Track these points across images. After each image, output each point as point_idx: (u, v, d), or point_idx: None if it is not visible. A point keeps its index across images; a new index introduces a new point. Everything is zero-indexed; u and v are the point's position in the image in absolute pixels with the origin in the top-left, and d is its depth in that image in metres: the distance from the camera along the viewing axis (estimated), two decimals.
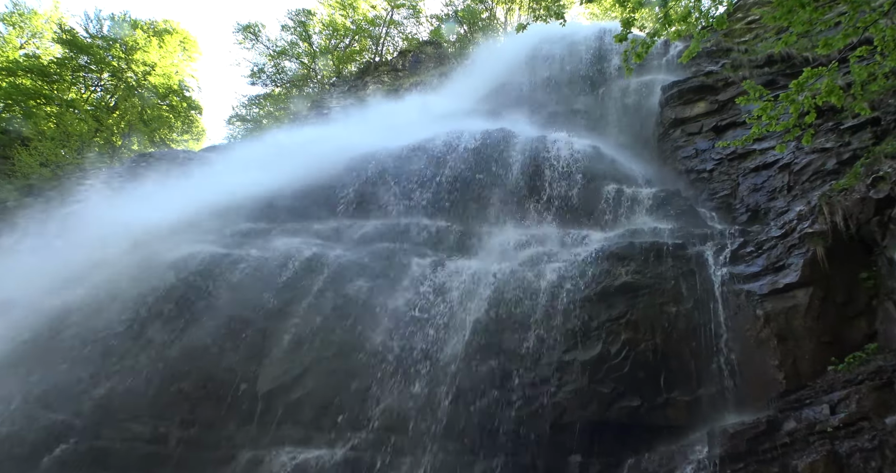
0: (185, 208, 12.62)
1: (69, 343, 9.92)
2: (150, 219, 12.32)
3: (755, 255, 9.26)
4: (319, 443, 8.32)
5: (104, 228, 12.47)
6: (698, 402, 7.97)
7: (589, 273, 9.31)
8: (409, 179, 13.27)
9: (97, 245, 11.78)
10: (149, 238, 11.66)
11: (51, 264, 11.89)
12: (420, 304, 9.59)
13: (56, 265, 11.73)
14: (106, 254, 11.49)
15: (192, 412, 8.98)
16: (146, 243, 11.49)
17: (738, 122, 14.45)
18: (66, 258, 11.72)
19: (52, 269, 11.60)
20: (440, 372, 8.61)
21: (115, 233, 12.07)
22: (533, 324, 8.86)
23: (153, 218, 12.33)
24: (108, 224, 12.64)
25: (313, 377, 9.03)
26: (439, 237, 11.48)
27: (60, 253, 12.32)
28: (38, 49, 34.56)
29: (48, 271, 11.52)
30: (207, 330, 9.75)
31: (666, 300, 8.78)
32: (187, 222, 12.20)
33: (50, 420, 9.06)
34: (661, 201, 11.84)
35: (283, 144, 16.45)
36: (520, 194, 12.66)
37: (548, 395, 8.16)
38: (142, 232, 11.89)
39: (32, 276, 11.62)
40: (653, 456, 7.58)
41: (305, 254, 10.75)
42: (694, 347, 8.40)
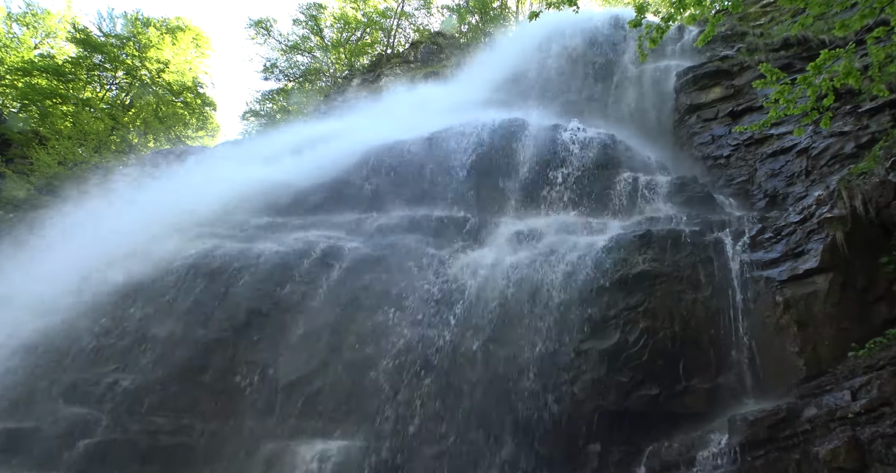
0: (202, 203, 12.73)
1: (92, 338, 10.09)
2: (166, 215, 12.45)
3: (774, 241, 9.16)
4: (339, 434, 8.42)
5: (120, 225, 12.62)
6: (718, 390, 7.94)
7: (606, 262, 9.27)
8: (424, 170, 13.28)
9: (115, 243, 11.92)
10: (166, 234, 11.78)
11: (71, 261, 12.05)
12: (436, 294, 9.63)
13: (76, 262, 11.89)
14: (124, 252, 11.62)
15: (215, 404, 9.14)
16: (164, 239, 11.62)
17: (754, 107, 14.28)
18: (86, 255, 11.88)
19: (72, 266, 11.76)
20: (457, 362, 8.65)
21: (131, 230, 12.21)
22: (549, 313, 8.85)
23: (170, 214, 12.45)
24: (123, 222, 12.80)
25: (332, 369, 9.12)
26: (454, 228, 11.47)
27: (80, 250, 12.48)
28: (53, 49, 34.91)
29: (69, 267, 11.68)
30: (227, 323, 9.88)
31: (684, 288, 8.73)
32: (204, 218, 12.32)
33: (74, 414, 9.25)
34: (677, 188, 11.74)
35: (297, 138, 16.49)
36: (535, 183, 12.62)
37: (566, 384, 8.16)
38: (159, 228, 12.02)
39: (56, 272, 11.80)
40: (672, 444, 7.56)
41: (322, 247, 10.82)
42: (713, 334, 8.35)
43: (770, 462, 6.50)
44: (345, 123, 17.82)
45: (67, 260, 12.08)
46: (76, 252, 12.36)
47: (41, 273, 11.97)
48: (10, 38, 33.40)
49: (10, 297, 11.26)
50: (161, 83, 33.50)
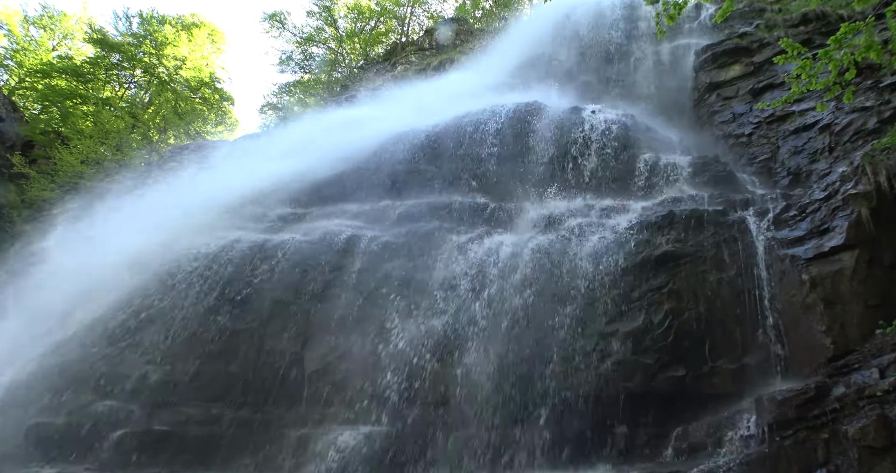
0: (224, 196, 12.86)
1: (122, 332, 10.28)
2: (188, 209, 12.60)
3: (798, 219, 9.05)
4: (366, 421, 8.48)
5: (145, 220, 12.80)
6: (744, 370, 7.90)
7: (628, 244, 9.21)
8: (443, 157, 13.26)
9: (140, 238, 12.09)
10: (188, 228, 11.93)
11: (93, 261, 12.26)
12: (459, 281, 9.65)
13: (103, 257, 12.10)
14: (149, 247, 11.80)
15: (243, 394, 9.29)
16: (187, 233, 11.77)
17: (775, 84, 14.07)
18: (114, 250, 12.07)
19: (94, 265, 11.97)
20: (482, 348, 8.68)
21: (154, 226, 12.38)
22: (573, 296, 8.83)
23: (191, 208, 12.60)
24: (145, 218, 12.98)
25: (357, 356, 9.20)
26: (475, 214, 11.46)
27: (106, 246, 12.69)
28: (71, 50, 35.32)
29: (95, 264, 11.90)
30: (252, 314, 10.01)
31: (708, 268, 8.66)
32: (227, 210, 12.46)
33: (106, 407, 9.45)
34: (699, 168, 11.60)
35: (316, 129, 16.56)
36: (555, 166, 12.54)
37: (591, 367, 8.15)
38: (181, 222, 12.18)
39: (80, 272, 12.02)
40: (700, 425, 7.55)
41: (344, 236, 10.88)
42: (738, 314, 8.30)
43: (799, 442, 6.46)
44: (362, 113, 17.82)
45: (89, 262, 12.28)
46: (98, 252, 12.57)
47: (66, 274, 12.19)
48: (28, 41, 33.85)
49: (42, 299, 11.51)
50: (179, 80, 33.75)
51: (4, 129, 26.19)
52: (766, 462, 6.45)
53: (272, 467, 8.45)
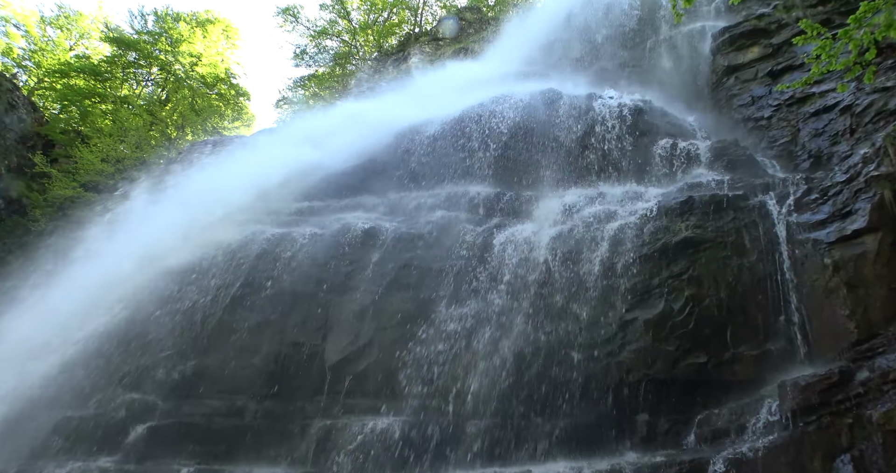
0: (243, 190, 12.97)
1: (147, 325, 10.45)
2: (209, 204, 12.72)
3: (820, 202, 8.92)
4: (387, 411, 8.57)
5: (166, 215, 12.95)
6: (767, 356, 7.85)
7: (647, 230, 9.16)
8: (459, 147, 13.22)
9: (163, 233, 12.25)
10: (209, 223, 12.06)
11: (122, 253, 12.45)
12: (477, 270, 9.67)
13: (127, 253, 12.28)
14: (173, 240, 11.94)
15: (266, 385, 9.41)
16: (207, 228, 11.89)
17: (794, 65, 13.82)
18: (136, 246, 12.24)
19: (123, 257, 12.15)
20: (501, 336, 8.70)
21: (177, 220, 12.52)
22: (592, 284, 8.82)
23: (213, 203, 12.72)
24: (169, 212, 13.13)
25: (377, 347, 9.28)
26: (493, 204, 11.45)
27: (129, 242, 12.86)
28: (88, 49, 35.63)
29: (119, 259, 12.07)
30: (273, 307, 10.12)
31: (729, 254, 8.59)
32: (245, 205, 12.57)
33: (132, 400, 9.64)
34: (718, 153, 11.47)
35: (331, 122, 16.60)
36: (572, 154, 12.46)
37: (611, 355, 8.15)
38: (203, 217, 12.31)
39: (105, 268, 12.20)
40: (722, 412, 7.54)
41: (361, 228, 10.94)
42: (760, 300, 8.24)
43: (822, 427, 6.45)
44: (377, 105, 17.83)
45: (113, 257, 12.46)
46: (122, 248, 12.75)
47: (92, 271, 12.37)
48: (46, 42, 34.21)
49: (70, 295, 11.71)
50: (195, 76, 33.94)
51: (25, 129, 26.56)
52: (790, 447, 6.44)
53: (296, 457, 8.56)
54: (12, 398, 9.99)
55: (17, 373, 10.26)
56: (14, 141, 25.52)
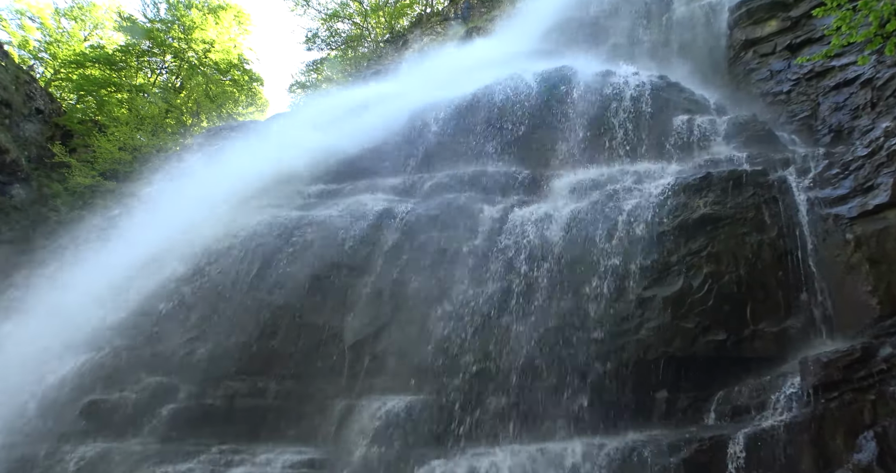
0: (259, 175, 13.05)
1: (169, 309, 10.61)
2: (226, 189, 12.81)
3: (841, 177, 8.79)
4: (407, 390, 8.63)
5: (184, 202, 13.06)
6: (787, 332, 7.79)
7: (665, 208, 9.06)
8: (474, 127, 13.17)
9: (181, 220, 12.37)
10: (228, 207, 12.16)
11: (138, 242, 12.59)
12: (493, 250, 9.66)
13: (144, 243, 12.42)
14: (191, 226, 12.06)
15: (286, 366, 9.52)
16: (227, 212, 11.99)
17: (814, 38, 13.58)
18: (155, 234, 12.38)
19: (138, 248, 12.29)
20: (520, 316, 8.71)
21: (196, 205, 12.64)
22: (610, 262, 8.76)
23: (229, 188, 12.81)
24: (187, 198, 13.24)
25: (396, 328, 9.34)
26: (508, 183, 11.40)
27: (148, 230, 13.00)
28: (102, 39, 35.86)
29: (140, 246, 12.22)
30: (292, 289, 10.20)
31: (748, 230, 8.48)
32: (262, 189, 12.66)
33: (156, 383, 9.81)
34: (736, 128, 11.29)
35: (344, 105, 16.60)
36: (587, 132, 12.35)
37: (630, 332, 8.12)
38: (221, 201, 12.40)
39: (126, 255, 12.36)
40: (742, 389, 7.50)
41: (377, 210, 10.97)
42: (780, 276, 8.15)
43: (845, 404, 6.38)
44: (390, 86, 17.76)
45: (135, 244, 12.60)
46: (142, 236, 12.89)
47: (113, 260, 12.54)
48: (61, 33, 34.45)
49: (92, 282, 11.89)
50: (208, 63, 34.02)
51: (44, 120, 26.85)
52: (812, 424, 6.38)
53: (317, 437, 8.67)
54: (40, 380, 10.22)
55: (49, 357, 10.47)
56: (33, 132, 25.82)
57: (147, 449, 8.79)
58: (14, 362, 10.70)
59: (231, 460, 8.30)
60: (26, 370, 10.43)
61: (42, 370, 10.42)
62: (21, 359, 10.70)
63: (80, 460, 8.74)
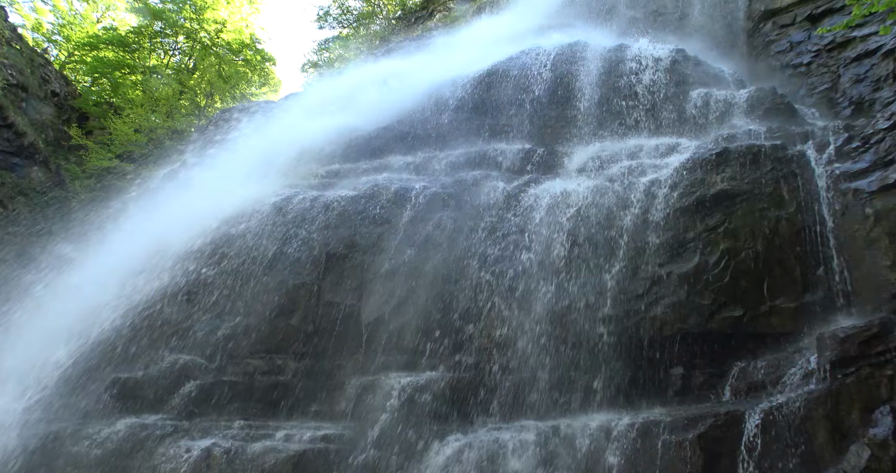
0: (273, 155, 13.10)
1: (190, 289, 10.76)
2: (240, 170, 12.89)
3: (861, 150, 8.66)
4: (424, 368, 8.73)
5: (203, 181, 13.15)
6: (805, 308, 7.74)
7: (681, 183, 8.97)
8: (487, 104, 13.09)
9: (198, 200, 12.47)
10: (244, 187, 12.23)
11: (157, 224, 12.73)
12: (509, 228, 9.66)
13: (160, 225, 12.55)
14: (209, 206, 12.16)
15: (304, 344, 9.66)
16: (242, 192, 12.07)
17: (834, 8, 13.29)
18: (173, 213, 12.51)
19: (158, 229, 12.43)
20: (535, 292, 8.72)
21: (211, 187, 12.73)
22: (625, 239, 8.74)
23: (244, 169, 12.88)
24: (202, 180, 13.34)
25: (412, 306, 9.37)
26: (523, 160, 11.35)
27: (165, 213, 13.13)
28: (115, 21, 35.80)
29: (159, 227, 12.36)
30: (309, 268, 10.28)
31: (766, 206, 8.39)
32: (277, 170, 12.71)
33: (178, 361, 9.97)
34: (755, 102, 11.11)
35: (357, 83, 16.54)
36: (603, 108, 12.23)
37: (645, 309, 8.12)
38: (236, 182, 12.48)
39: (146, 235, 12.50)
40: (759, 365, 7.49)
41: (392, 188, 10.97)
42: (798, 252, 8.07)
43: (861, 380, 6.37)
44: (402, 64, 17.63)
45: (153, 225, 12.73)
46: (160, 217, 13.02)
47: (134, 239, 12.68)
48: (73, 15, 34.41)
49: (111, 263, 12.06)
50: (220, 43, 33.91)
51: (59, 103, 27.03)
52: (828, 399, 6.38)
53: (335, 413, 8.82)
54: (65, 359, 10.44)
55: (73, 336, 10.68)
56: (49, 115, 25.99)
57: (170, 425, 8.96)
58: (35, 341, 10.94)
59: (252, 435, 8.45)
60: (48, 350, 10.65)
61: (64, 349, 10.62)
62: (42, 338, 10.93)
63: (106, 436, 8.93)
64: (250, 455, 8.02)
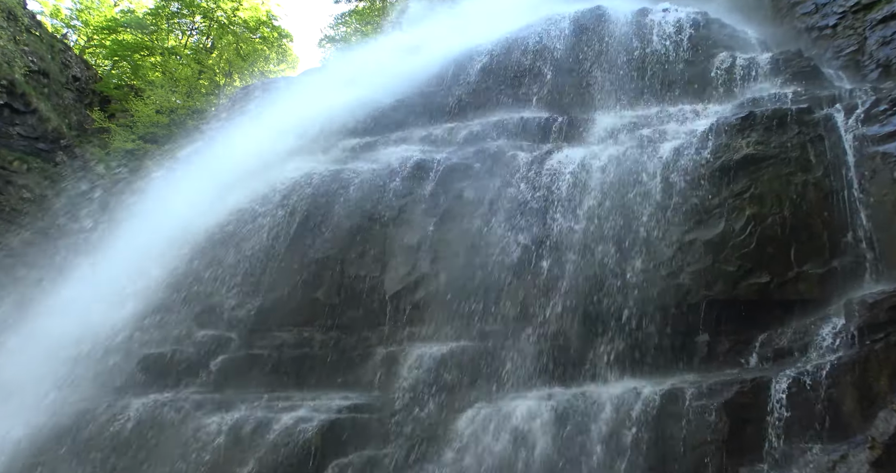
0: (293, 131, 13.12)
1: (216, 264, 10.94)
2: (262, 146, 12.94)
3: (889, 113, 8.44)
4: (447, 338, 8.81)
5: (222, 162, 13.23)
6: (832, 274, 7.63)
7: (706, 149, 8.84)
8: (508, 73, 12.95)
9: (220, 176, 12.57)
10: (266, 163, 12.30)
11: (178, 203, 12.87)
12: (531, 197, 9.61)
13: (183, 200, 12.69)
14: (230, 186, 12.26)
15: (331, 317, 9.79)
16: (264, 168, 12.14)
17: None
18: (196, 190, 12.64)
19: (182, 207, 12.57)
20: (558, 261, 8.72)
21: (234, 162, 12.81)
22: (649, 206, 8.65)
23: (265, 145, 12.93)
24: (224, 158, 13.41)
25: (434, 277, 9.45)
26: (544, 129, 11.23)
27: (186, 191, 13.26)
28: (132, 4, 35.91)
29: (183, 204, 12.50)
30: (333, 242, 10.39)
31: (793, 170, 8.24)
32: (297, 145, 12.73)
33: (207, 336, 10.21)
34: (780, 65, 10.87)
35: (375, 57, 16.46)
36: (625, 74, 12.05)
37: (670, 277, 8.07)
38: (258, 158, 12.55)
39: (169, 213, 12.66)
40: (785, 331, 7.44)
41: (413, 161, 10.96)
42: (826, 217, 7.94)
43: (890, 345, 6.31)
44: (420, 36, 17.47)
45: (177, 203, 12.87)
46: (183, 194, 13.14)
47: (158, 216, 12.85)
48: (91, 0, 34.57)
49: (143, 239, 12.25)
50: (237, 22, 33.89)
51: (81, 87, 27.29)
52: (855, 365, 6.34)
53: (363, 382, 8.96)
54: (96, 338, 10.69)
55: (102, 313, 10.92)
56: (72, 99, 26.29)
57: (201, 398, 9.19)
58: (69, 319, 11.20)
59: (281, 406, 8.63)
60: (81, 329, 10.89)
61: (97, 327, 10.86)
62: (75, 317, 11.18)
63: (138, 410, 9.17)
64: (280, 425, 8.19)
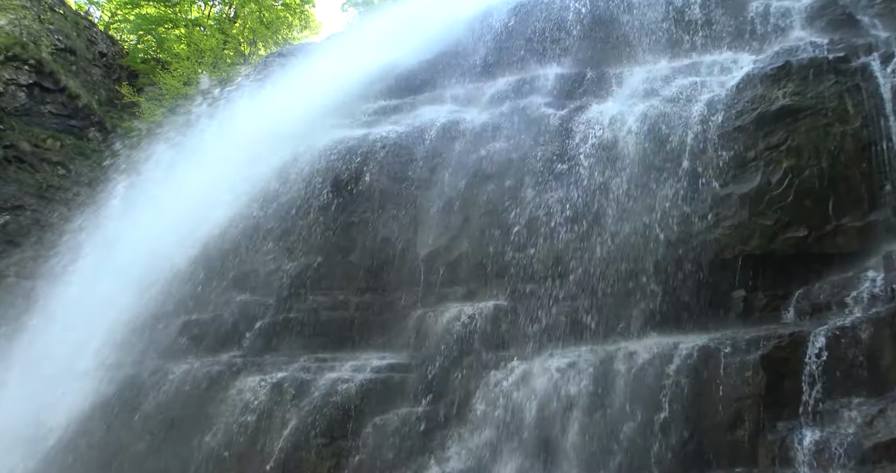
0: (320, 96, 13.08)
1: (251, 231, 11.10)
2: (290, 112, 12.95)
3: None
4: (481, 297, 8.91)
5: (253, 127, 13.25)
6: (871, 227, 7.47)
7: (741, 100, 8.61)
8: (532, 30, 12.64)
9: (251, 143, 12.64)
10: (295, 128, 12.33)
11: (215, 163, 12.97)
12: (562, 154, 9.52)
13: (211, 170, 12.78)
14: (258, 153, 12.32)
15: (364, 280, 9.97)
16: (294, 133, 12.18)
17: None
18: (223, 158, 12.74)
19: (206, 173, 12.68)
20: (590, 219, 8.68)
21: (263, 129, 12.85)
22: (683, 161, 8.51)
23: (292, 111, 12.94)
24: (255, 122, 13.41)
25: (466, 238, 9.52)
26: (572, 85, 11.05)
27: (214, 157, 13.32)
28: None
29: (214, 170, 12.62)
30: (364, 206, 10.52)
31: (830, 121, 8.00)
32: (325, 110, 12.70)
33: (245, 301, 10.44)
34: (815, 13, 10.46)
35: (398, 18, 16.24)
36: (655, 24, 11.65)
37: (705, 232, 7.97)
38: (286, 124, 12.58)
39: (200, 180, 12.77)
40: (823, 285, 7.34)
41: (441, 122, 10.93)
42: (864, 168, 7.72)
43: None
44: None
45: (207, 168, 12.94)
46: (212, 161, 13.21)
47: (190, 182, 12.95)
48: None
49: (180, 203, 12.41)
50: None
51: (108, 63, 27.49)
52: (894, 320, 6.23)
53: (398, 343, 9.13)
54: (137, 305, 10.97)
55: (140, 280, 11.19)
56: (100, 75, 26.51)
57: (241, 362, 9.47)
58: (104, 288, 11.48)
59: (320, 367, 8.88)
60: (116, 297, 11.16)
61: (136, 296, 11.13)
62: (110, 286, 11.46)
63: (183, 374, 9.47)
64: (319, 386, 8.43)
